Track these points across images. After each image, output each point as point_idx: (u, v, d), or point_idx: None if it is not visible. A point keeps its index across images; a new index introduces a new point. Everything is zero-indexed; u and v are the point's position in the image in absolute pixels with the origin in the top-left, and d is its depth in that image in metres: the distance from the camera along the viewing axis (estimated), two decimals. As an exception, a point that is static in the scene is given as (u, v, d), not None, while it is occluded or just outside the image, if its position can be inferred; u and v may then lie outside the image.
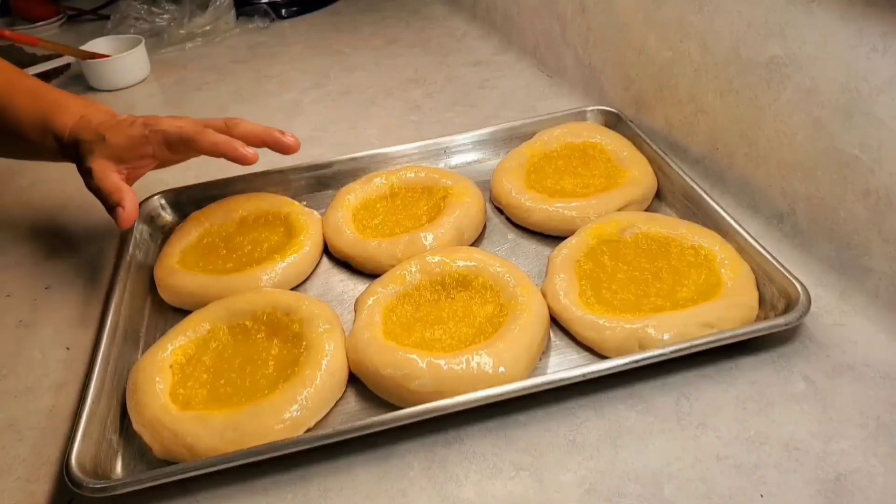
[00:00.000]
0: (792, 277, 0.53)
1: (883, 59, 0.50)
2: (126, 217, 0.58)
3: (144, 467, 0.49)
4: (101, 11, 1.37)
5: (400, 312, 0.56)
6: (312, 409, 0.49)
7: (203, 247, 0.67)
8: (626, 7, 0.77)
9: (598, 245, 0.60)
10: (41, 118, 0.62)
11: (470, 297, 0.57)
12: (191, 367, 0.54)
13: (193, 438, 0.47)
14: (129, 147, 0.60)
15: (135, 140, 0.60)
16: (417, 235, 0.63)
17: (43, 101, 0.63)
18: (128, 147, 0.60)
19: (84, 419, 0.49)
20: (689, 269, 0.57)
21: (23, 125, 0.62)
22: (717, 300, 0.53)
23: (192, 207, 0.72)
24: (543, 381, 0.48)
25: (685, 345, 0.49)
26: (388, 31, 1.20)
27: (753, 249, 0.56)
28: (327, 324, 0.54)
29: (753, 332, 0.51)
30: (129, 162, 0.61)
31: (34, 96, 0.63)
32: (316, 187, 0.76)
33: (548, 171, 0.72)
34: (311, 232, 0.66)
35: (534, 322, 0.53)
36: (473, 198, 0.67)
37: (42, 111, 0.62)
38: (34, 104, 0.62)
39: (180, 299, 0.62)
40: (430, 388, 0.49)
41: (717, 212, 0.61)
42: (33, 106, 0.62)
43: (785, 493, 0.43)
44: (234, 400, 0.51)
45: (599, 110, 0.79)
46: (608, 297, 0.56)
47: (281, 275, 0.62)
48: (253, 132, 0.62)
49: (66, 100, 0.64)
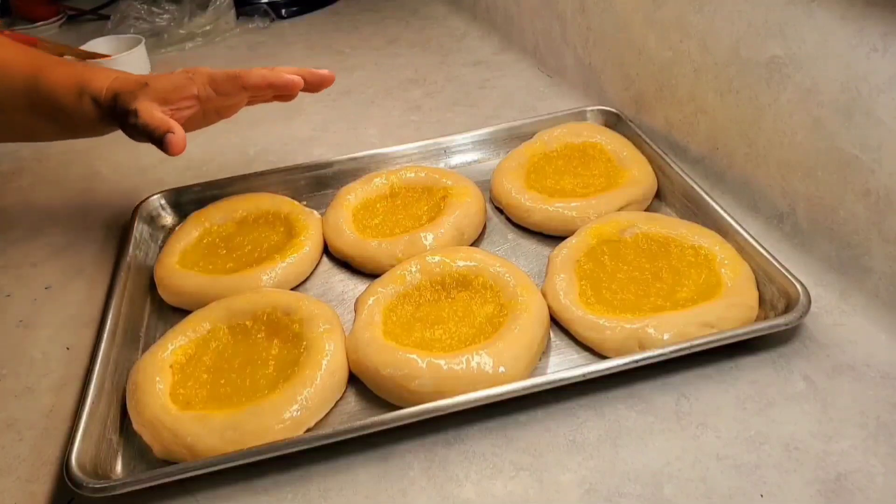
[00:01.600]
0: (792, 277, 0.53)
1: (883, 59, 0.50)
2: (177, 142, 0.57)
3: (144, 467, 0.49)
4: (101, 11, 1.37)
5: (400, 312, 0.56)
6: (312, 409, 0.49)
7: (203, 247, 0.67)
8: (626, 7, 0.77)
9: (598, 245, 0.60)
10: (77, 84, 0.61)
11: (470, 296, 0.57)
12: (191, 367, 0.54)
13: (193, 438, 0.47)
14: (173, 88, 0.60)
15: (178, 81, 0.60)
16: (417, 235, 0.63)
17: (77, 69, 0.63)
18: (171, 88, 0.60)
19: (84, 419, 0.49)
20: (689, 269, 0.57)
21: (59, 94, 0.61)
22: (717, 300, 0.53)
23: (192, 207, 0.72)
24: (543, 380, 0.48)
25: (685, 345, 0.49)
26: (388, 31, 1.20)
27: (753, 249, 0.56)
28: (327, 324, 0.54)
29: (753, 331, 0.51)
30: (174, 103, 0.60)
31: (68, 66, 0.63)
32: (316, 187, 0.76)
33: (548, 171, 0.72)
34: (311, 232, 0.66)
35: (534, 322, 0.53)
36: (473, 198, 0.67)
37: (77, 77, 0.62)
38: (69, 73, 0.62)
39: (180, 299, 0.62)
40: (430, 388, 0.49)
41: (717, 212, 0.61)
42: (69, 74, 0.62)
43: (785, 493, 0.43)
44: (234, 400, 0.51)
45: (599, 110, 0.79)
46: (608, 296, 0.56)
47: (281, 275, 0.62)
48: (290, 70, 0.63)
49: (100, 68, 0.64)
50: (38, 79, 0.62)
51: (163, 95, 0.60)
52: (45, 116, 0.63)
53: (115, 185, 0.83)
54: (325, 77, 0.65)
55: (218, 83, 0.61)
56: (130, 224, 0.70)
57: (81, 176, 0.85)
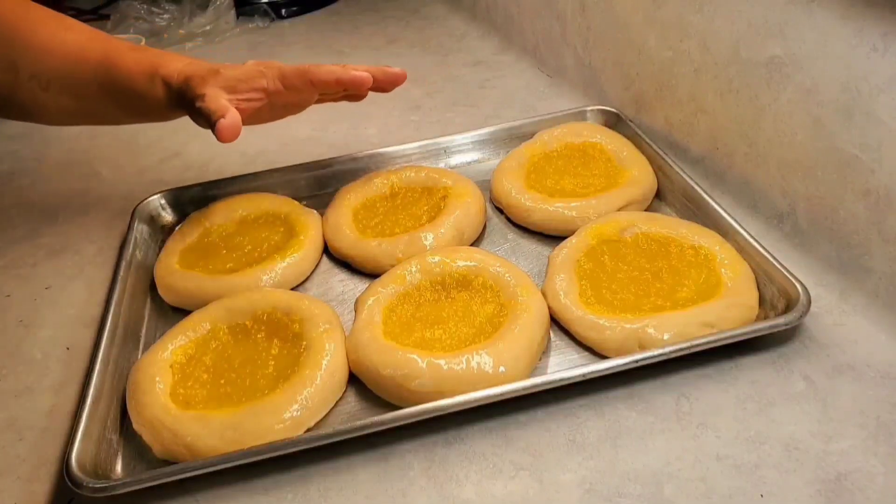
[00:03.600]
0: (792, 277, 0.53)
1: (883, 59, 0.50)
2: (227, 127, 0.56)
3: (144, 467, 0.49)
4: (101, 11, 1.37)
5: (400, 312, 0.56)
6: (312, 409, 0.49)
7: (203, 247, 0.67)
8: (626, 7, 0.77)
9: (598, 245, 0.60)
10: (150, 67, 0.61)
11: (470, 296, 0.57)
12: (191, 366, 0.54)
13: (193, 438, 0.47)
14: (244, 78, 0.60)
15: (249, 72, 0.60)
16: (417, 235, 0.63)
17: (150, 53, 0.63)
18: (242, 78, 0.60)
19: (84, 419, 0.49)
20: (689, 269, 0.57)
21: (133, 76, 0.61)
22: (717, 300, 0.53)
23: (192, 207, 0.72)
24: (543, 380, 0.48)
25: (685, 345, 0.49)
26: (388, 31, 1.20)
27: (753, 249, 0.56)
28: (327, 324, 0.54)
29: (753, 332, 0.51)
30: (242, 93, 0.60)
31: (140, 51, 0.64)
32: (316, 187, 0.76)
33: (548, 171, 0.72)
34: (311, 232, 0.66)
35: (534, 322, 0.53)
36: (473, 198, 0.67)
37: (150, 61, 0.62)
38: (142, 57, 0.62)
39: (180, 299, 0.62)
40: (430, 388, 0.49)
41: (717, 211, 0.61)
42: (141, 58, 0.62)
43: (785, 493, 0.43)
44: (234, 400, 0.51)
45: (599, 110, 0.79)
46: (608, 296, 0.56)
47: (281, 275, 0.62)
48: (361, 68, 0.65)
49: (171, 53, 0.64)
50: (110, 62, 0.62)
51: (232, 84, 0.60)
52: (117, 100, 0.63)
53: (114, 185, 0.83)
54: (398, 75, 0.65)
55: (287, 77, 0.61)
56: (130, 224, 0.70)
57: (81, 176, 0.85)
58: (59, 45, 0.62)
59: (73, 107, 0.64)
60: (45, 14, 0.64)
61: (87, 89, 0.63)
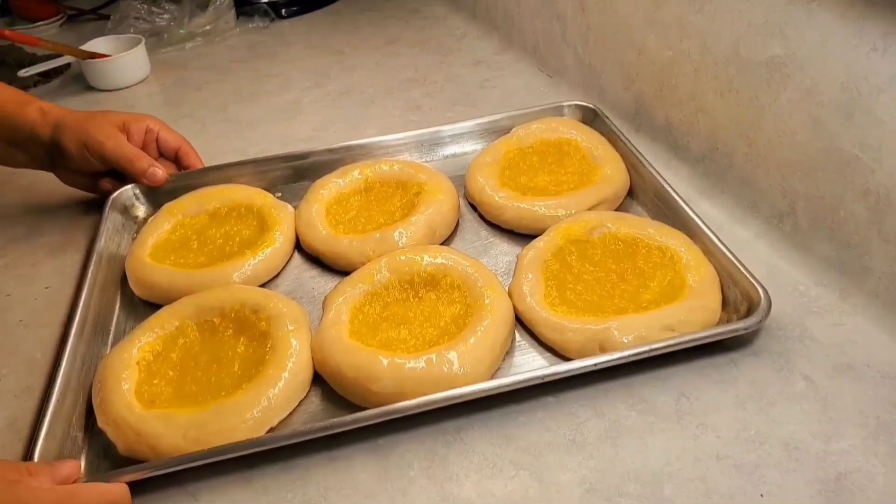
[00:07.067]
0: (755, 281, 0.52)
1: (883, 59, 0.50)
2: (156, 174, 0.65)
3: (109, 465, 0.49)
4: (101, 11, 1.37)
5: (367, 312, 0.56)
6: (275, 409, 0.50)
7: (175, 240, 0.67)
8: (626, 7, 0.77)
9: (567, 245, 0.60)
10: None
11: (437, 297, 0.57)
12: (157, 364, 0.54)
13: (156, 439, 0.48)
14: None
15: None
16: (389, 233, 0.63)
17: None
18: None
19: (48, 417, 0.49)
20: (655, 271, 0.57)
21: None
22: (680, 303, 0.53)
23: (165, 198, 0.71)
24: (496, 384, 0.49)
25: (644, 348, 0.49)
26: (388, 31, 1.20)
27: (719, 251, 0.56)
28: (294, 323, 0.55)
29: (712, 336, 0.51)
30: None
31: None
32: (292, 178, 0.76)
33: (522, 168, 0.71)
34: (283, 227, 0.66)
35: (498, 323, 0.53)
36: (447, 195, 0.67)
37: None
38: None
39: (151, 293, 0.62)
40: (392, 390, 0.49)
41: (686, 212, 0.61)
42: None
43: (785, 493, 0.43)
44: (198, 399, 0.51)
45: (577, 105, 0.79)
46: (572, 298, 0.56)
47: (252, 270, 0.62)
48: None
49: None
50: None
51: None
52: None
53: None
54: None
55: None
56: (102, 214, 0.69)
57: (81, 176, 0.85)
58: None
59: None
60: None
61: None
